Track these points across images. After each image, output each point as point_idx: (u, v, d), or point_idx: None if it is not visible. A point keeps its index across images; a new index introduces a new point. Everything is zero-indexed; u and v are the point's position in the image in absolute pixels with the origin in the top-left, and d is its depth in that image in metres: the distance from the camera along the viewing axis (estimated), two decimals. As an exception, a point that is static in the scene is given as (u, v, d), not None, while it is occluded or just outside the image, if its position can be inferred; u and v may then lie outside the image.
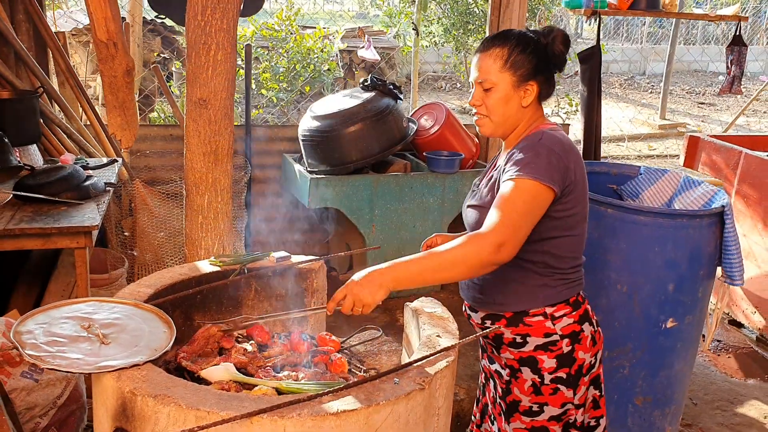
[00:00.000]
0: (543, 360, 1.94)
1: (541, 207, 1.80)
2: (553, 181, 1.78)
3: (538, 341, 1.94)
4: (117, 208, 4.08)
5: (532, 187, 1.77)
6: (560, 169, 1.81)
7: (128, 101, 2.97)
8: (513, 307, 1.95)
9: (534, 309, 1.94)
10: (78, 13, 8.19)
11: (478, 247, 1.72)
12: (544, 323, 1.94)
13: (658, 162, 8.62)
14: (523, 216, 1.75)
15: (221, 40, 2.61)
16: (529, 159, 1.80)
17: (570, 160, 1.84)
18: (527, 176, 1.77)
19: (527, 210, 1.76)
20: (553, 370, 1.94)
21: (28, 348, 1.65)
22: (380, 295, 1.72)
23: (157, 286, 2.09)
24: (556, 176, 1.80)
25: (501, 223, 1.72)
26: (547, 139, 1.85)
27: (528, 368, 1.97)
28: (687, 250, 2.69)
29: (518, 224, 1.74)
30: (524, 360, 1.97)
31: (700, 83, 15.40)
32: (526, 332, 1.95)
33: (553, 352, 1.94)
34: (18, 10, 3.89)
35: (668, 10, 4.62)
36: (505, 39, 1.91)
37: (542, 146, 1.83)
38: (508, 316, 1.97)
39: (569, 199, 1.86)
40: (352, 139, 4.15)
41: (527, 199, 1.76)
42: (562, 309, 1.95)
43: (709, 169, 4.40)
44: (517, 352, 1.98)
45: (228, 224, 2.84)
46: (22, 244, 2.77)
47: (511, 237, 1.73)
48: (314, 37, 8.51)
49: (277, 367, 1.95)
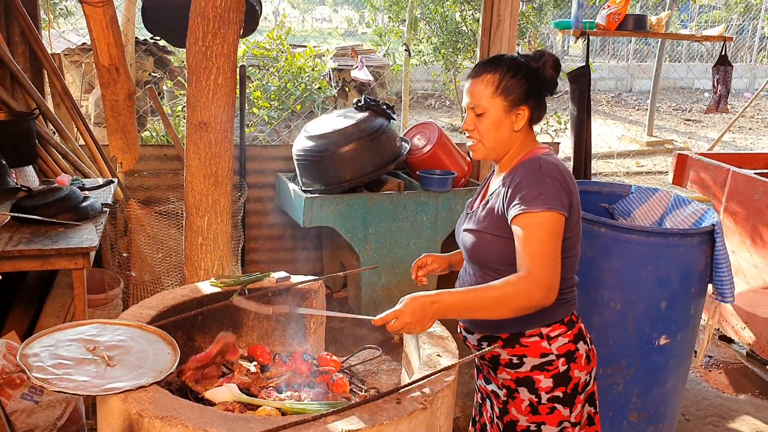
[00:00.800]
0: (539, 380, 1.97)
1: (560, 236, 1.85)
2: (563, 207, 1.83)
3: (534, 361, 1.97)
4: (112, 229, 4.09)
5: (549, 218, 1.81)
6: (565, 195, 1.85)
7: (129, 124, 3.00)
8: (509, 328, 1.98)
9: (530, 330, 1.97)
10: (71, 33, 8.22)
11: (529, 290, 1.76)
12: (540, 343, 1.97)
13: (647, 179, 8.73)
14: (554, 252, 1.81)
15: (222, 64, 2.65)
16: (537, 190, 1.83)
17: (571, 184, 1.89)
18: (540, 209, 1.81)
19: (554, 245, 1.81)
20: (550, 390, 1.97)
21: (35, 371, 1.67)
22: (429, 326, 1.78)
23: (159, 308, 2.12)
24: (565, 201, 1.84)
25: (543, 266, 1.77)
26: (547, 166, 1.89)
27: (525, 388, 1.99)
28: (679, 268, 2.74)
29: (556, 262, 1.80)
30: (521, 380, 1.99)
31: (686, 100, 15.61)
32: (522, 353, 1.98)
33: (549, 371, 1.97)
34: (14, 32, 3.92)
35: (655, 30, 4.71)
36: (496, 65, 1.94)
37: (545, 174, 1.86)
38: (505, 338, 2.00)
39: (570, 221, 1.90)
40: (347, 158, 4.20)
41: (549, 232, 1.80)
42: (557, 329, 1.98)
43: (697, 187, 4.48)
44: (514, 372, 2.00)
45: (228, 245, 2.87)
46: (20, 265, 2.78)
47: (557, 277, 1.79)
48: (305, 56, 8.58)
49: (280, 388, 1.97)
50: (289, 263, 4.84)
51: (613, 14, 4.53)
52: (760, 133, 12.40)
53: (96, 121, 6.97)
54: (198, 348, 2.27)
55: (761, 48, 18.78)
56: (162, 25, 3.92)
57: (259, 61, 8.58)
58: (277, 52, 8.58)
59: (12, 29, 3.92)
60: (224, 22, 2.66)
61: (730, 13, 18.56)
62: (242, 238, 4.45)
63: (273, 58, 8.47)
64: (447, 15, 9.80)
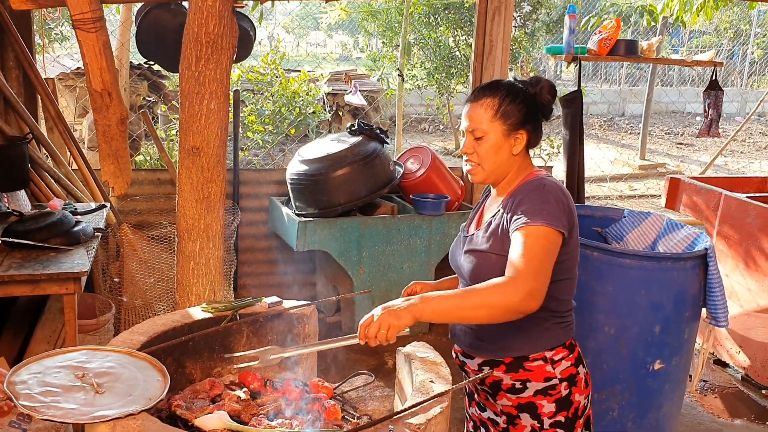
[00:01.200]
0: (542, 405, 1.96)
1: (555, 252, 1.84)
2: (563, 226, 1.84)
3: (538, 386, 1.96)
4: (104, 253, 4.07)
5: (547, 233, 1.81)
6: (567, 213, 1.86)
7: (121, 149, 3.00)
8: (514, 352, 1.97)
9: (534, 353, 1.96)
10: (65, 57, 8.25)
11: (509, 293, 1.73)
12: (544, 368, 1.95)
13: (640, 202, 8.76)
14: (544, 262, 1.79)
15: (215, 89, 2.66)
16: (540, 206, 1.84)
17: (570, 204, 1.90)
18: (540, 223, 1.81)
19: (547, 256, 1.80)
20: (553, 415, 1.96)
21: (22, 398, 1.64)
22: (406, 319, 1.72)
23: (150, 334, 2.10)
24: (564, 221, 1.85)
25: (528, 271, 1.75)
26: (550, 185, 1.91)
27: (527, 414, 1.97)
28: (672, 293, 2.74)
29: (542, 270, 1.78)
30: (523, 406, 1.98)
31: (678, 124, 15.73)
32: (526, 377, 1.96)
33: (552, 396, 1.95)
34: (8, 56, 3.94)
35: (646, 55, 4.75)
36: (495, 89, 1.97)
37: (548, 192, 1.88)
38: (508, 362, 1.98)
39: (570, 242, 1.91)
40: (340, 182, 4.20)
41: (545, 245, 1.80)
42: (560, 352, 1.97)
43: (690, 211, 4.49)
44: (516, 398, 1.98)
45: (219, 270, 2.86)
46: (10, 290, 2.76)
47: (540, 284, 1.76)
48: (299, 80, 8.63)
49: (271, 415, 1.95)
50: (282, 287, 4.82)
51: (604, 39, 4.57)
52: (751, 156, 12.48)
53: (90, 146, 6.97)
54: (188, 374, 2.25)
55: (751, 72, 18.99)
56: (156, 50, 3.94)
57: (254, 85, 8.63)
58: (271, 76, 8.63)
59: (6, 54, 3.93)
60: (217, 47, 2.67)
61: (720, 39, 18.80)
62: (235, 262, 4.43)
63: (267, 83, 8.52)
64: (440, 40, 9.89)
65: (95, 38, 2.71)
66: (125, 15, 5.64)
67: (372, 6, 9.42)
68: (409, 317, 1.72)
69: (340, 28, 20.44)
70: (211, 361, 2.30)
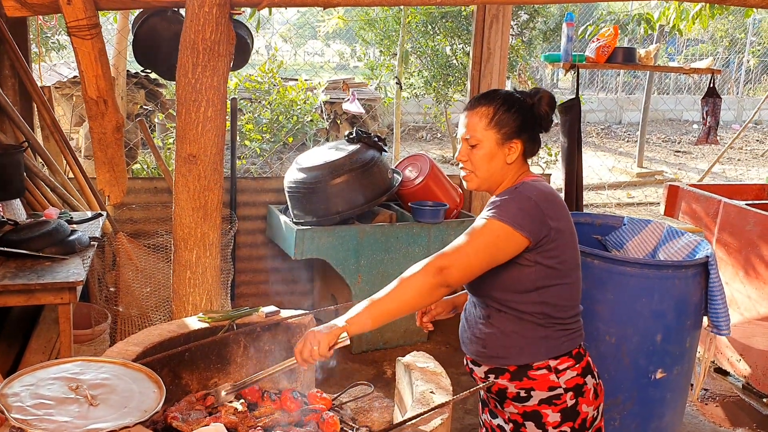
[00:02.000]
0: (547, 414, 1.94)
1: (502, 249, 1.85)
2: (521, 227, 1.83)
3: (542, 395, 1.94)
4: (100, 262, 4.04)
5: (498, 228, 1.83)
6: (533, 216, 1.85)
7: (117, 157, 2.98)
8: (516, 360, 1.95)
9: (537, 362, 1.94)
10: (62, 66, 8.24)
11: (422, 271, 1.82)
12: (548, 376, 1.94)
13: (638, 210, 8.75)
14: (475, 247, 1.83)
15: (211, 97, 2.64)
16: (501, 203, 1.88)
17: (548, 207, 1.88)
18: (494, 218, 1.85)
19: (482, 245, 1.84)
20: (558, 425, 1.94)
21: (14, 411, 1.61)
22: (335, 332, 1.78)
23: (145, 344, 2.07)
24: (527, 222, 1.84)
25: (450, 249, 1.84)
26: (524, 188, 1.91)
27: (532, 423, 1.96)
28: (673, 301, 2.72)
29: (466, 252, 1.83)
30: (528, 414, 1.96)
31: (675, 132, 15.76)
32: (530, 386, 1.95)
33: (557, 405, 1.94)
34: (4, 65, 3.91)
35: (644, 63, 4.75)
36: (491, 98, 1.97)
37: (517, 193, 1.90)
38: (512, 370, 1.97)
39: (554, 246, 1.88)
40: (338, 190, 4.18)
41: (487, 235, 1.84)
42: (565, 362, 1.95)
43: (689, 218, 4.47)
44: (521, 406, 1.97)
45: (216, 279, 2.83)
46: (4, 300, 2.72)
47: (455, 261, 1.81)
48: (297, 89, 8.62)
49: (269, 427, 1.92)
50: (280, 296, 4.79)
51: (602, 47, 4.57)
52: (748, 164, 12.50)
53: (86, 154, 6.94)
54: (185, 385, 2.22)
55: (747, 80, 19.05)
56: (153, 58, 3.92)
57: (251, 94, 8.62)
58: (269, 85, 8.63)
59: (2, 62, 3.91)
60: (214, 54, 2.66)
61: (715, 47, 18.87)
62: (232, 271, 4.40)
63: (265, 91, 8.52)
64: (438, 49, 9.90)
65: (91, 45, 2.69)
66: (122, 23, 5.62)
67: (369, 15, 9.43)
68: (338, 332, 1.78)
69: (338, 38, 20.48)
70: (208, 372, 2.27)
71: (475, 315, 2.04)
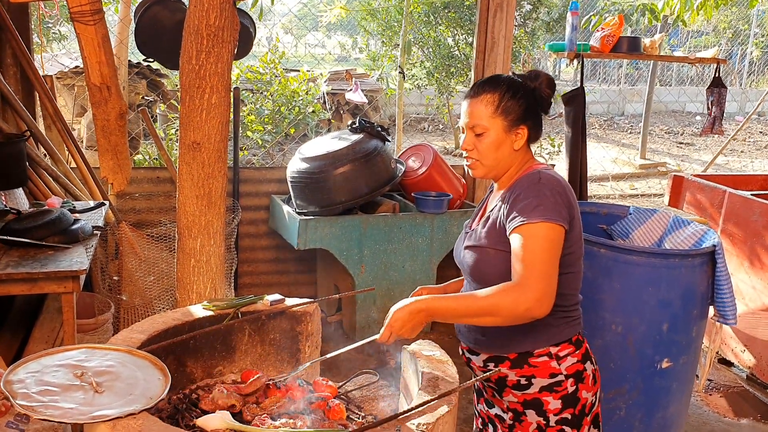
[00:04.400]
0: (548, 401, 1.93)
1: (559, 248, 1.81)
2: (562, 219, 1.80)
3: (543, 382, 1.93)
4: (103, 252, 4.03)
5: (547, 229, 1.78)
6: (565, 206, 1.83)
7: (120, 144, 2.96)
8: (517, 347, 1.94)
9: (539, 349, 1.93)
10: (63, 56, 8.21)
11: (518, 298, 1.73)
12: (549, 363, 1.93)
13: (641, 201, 8.72)
14: (550, 263, 1.77)
15: (215, 83, 2.61)
16: (536, 202, 1.81)
17: (570, 196, 1.87)
18: (539, 220, 1.78)
19: (551, 256, 1.78)
20: (559, 411, 1.93)
21: (19, 398, 1.60)
22: (419, 329, 1.84)
23: (150, 332, 2.05)
24: (564, 213, 1.81)
25: (535, 277, 1.73)
26: (546, 178, 1.88)
27: (533, 410, 1.95)
28: (680, 290, 2.70)
29: (549, 273, 1.76)
30: (528, 402, 1.95)
31: (678, 123, 15.71)
32: (531, 373, 1.94)
33: (558, 392, 1.93)
34: (6, 53, 3.89)
35: (649, 52, 4.72)
36: (495, 85, 1.94)
37: (544, 186, 1.85)
38: (513, 358, 1.95)
39: (570, 236, 1.87)
40: (341, 180, 4.16)
41: (546, 244, 1.77)
42: (566, 348, 1.94)
43: (694, 209, 4.45)
44: (521, 394, 1.96)
45: (221, 268, 2.81)
46: (7, 289, 2.71)
47: (548, 288, 1.75)
48: (299, 79, 8.59)
49: (274, 415, 1.90)
50: (283, 286, 4.78)
51: (607, 36, 4.53)
52: (752, 155, 12.46)
53: (88, 144, 6.93)
54: (189, 373, 2.21)
55: (750, 72, 18.98)
56: (155, 47, 3.89)
57: (253, 85, 8.60)
58: (270, 75, 8.60)
59: (3, 51, 3.88)
60: (218, 40, 2.63)
61: (718, 39, 18.78)
62: (235, 260, 4.39)
63: (267, 82, 8.49)
64: (440, 39, 9.86)
65: (94, 31, 2.66)
66: (124, 12, 5.60)
67: (371, 5, 9.38)
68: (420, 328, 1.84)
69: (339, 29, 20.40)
70: (213, 360, 2.26)
71: None
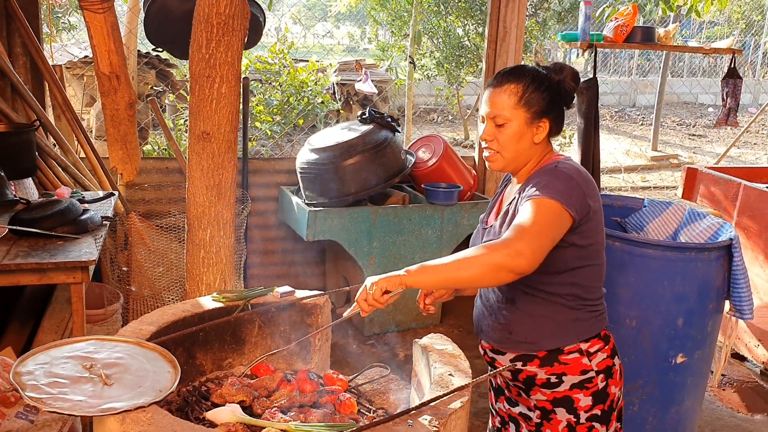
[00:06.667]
0: (579, 398, 1.90)
1: (559, 226, 1.76)
2: (570, 205, 1.76)
3: (574, 379, 1.90)
4: (112, 242, 4.01)
5: (552, 205, 1.74)
6: (577, 195, 1.79)
7: (130, 134, 2.93)
8: (547, 344, 1.90)
9: (569, 346, 1.89)
10: (72, 46, 8.19)
11: (496, 250, 1.67)
12: (580, 360, 1.89)
13: (653, 193, 8.65)
14: (543, 227, 1.71)
15: (225, 72, 2.58)
16: (547, 182, 1.79)
17: (587, 187, 1.83)
18: (545, 196, 1.75)
19: (547, 224, 1.72)
20: (589, 408, 1.90)
21: (28, 390, 1.59)
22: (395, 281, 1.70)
23: (159, 324, 2.03)
24: (574, 201, 1.77)
25: (520, 231, 1.69)
26: (563, 166, 1.85)
27: (563, 408, 1.91)
28: (696, 284, 2.66)
29: (538, 233, 1.70)
30: (559, 400, 1.91)
31: (690, 115, 15.57)
32: (561, 371, 1.90)
33: (589, 389, 1.90)
34: (16, 43, 3.87)
35: (663, 43, 4.65)
36: (520, 75, 1.89)
37: (559, 171, 1.83)
38: (542, 356, 1.91)
39: (590, 226, 1.84)
40: (351, 171, 4.13)
41: (547, 213, 1.73)
42: (596, 344, 1.91)
43: (708, 201, 4.40)
44: (551, 392, 1.92)
45: (230, 259, 2.79)
46: (17, 279, 2.70)
47: (531, 244, 1.67)
48: (308, 70, 8.55)
49: (285, 408, 1.88)
50: (292, 278, 4.76)
51: (620, 26, 4.47)
52: (765, 147, 12.34)
53: (97, 135, 6.92)
54: (199, 365, 2.19)
55: (764, 63, 18.78)
56: (164, 37, 3.87)
57: (262, 75, 8.55)
58: (279, 66, 8.55)
59: (13, 40, 3.86)
60: (228, 29, 2.60)
61: (731, 30, 18.59)
62: (244, 252, 4.37)
63: (275, 73, 8.44)
64: (450, 30, 9.78)
65: (103, 19, 2.64)
66: (133, 1, 5.56)
67: (381, -6, 9.32)
68: (395, 278, 1.71)
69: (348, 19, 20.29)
70: (222, 352, 2.24)
71: (496, 299, 1.97)
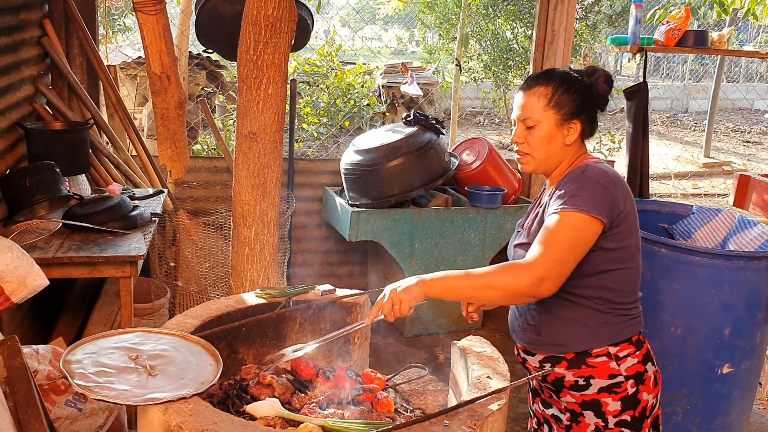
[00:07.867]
0: (607, 403, 1.88)
1: (587, 240, 1.77)
2: (599, 212, 1.76)
3: (602, 383, 1.88)
4: (161, 238, 4.11)
5: (578, 220, 1.75)
6: (606, 200, 1.78)
7: (179, 133, 3.01)
8: (575, 347, 1.89)
9: (597, 349, 1.88)
10: (127, 47, 8.42)
11: (518, 277, 1.73)
12: (608, 364, 1.88)
13: (704, 201, 8.44)
14: (567, 250, 1.74)
15: (272, 74, 2.63)
16: (574, 191, 1.79)
17: (616, 189, 1.82)
18: (572, 209, 1.76)
19: (571, 244, 1.74)
20: (618, 413, 1.88)
21: (77, 378, 1.64)
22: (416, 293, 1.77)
23: (203, 318, 2.08)
24: (602, 207, 1.77)
25: (543, 257, 1.72)
26: (591, 170, 1.84)
27: (591, 412, 1.90)
28: (744, 293, 2.60)
29: (561, 258, 1.73)
30: (587, 403, 1.90)
31: (745, 121, 15.13)
32: (589, 374, 1.89)
33: (618, 394, 1.88)
34: (73, 44, 4.00)
35: (717, 47, 4.54)
36: (549, 78, 1.91)
37: (586, 178, 1.82)
38: (570, 358, 1.91)
39: (620, 230, 1.82)
40: (394, 173, 4.14)
41: (571, 233, 1.75)
42: (625, 349, 1.89)
43: (760, 210, 4.28)
44: (579, 395, 1.91)
45: (274, 256, 2.84)
46: (69, 272, 2.80)
47: (553, 272, 1.72)
48: (355, 72, 8.61)
49: (323, 404, 1.91)
50: (334, 277, 4.80)
51: (672, 30, 4.38)
52: (823, 156, 11.91)
53: (149, 133, 7.09)
54: (241, 360, 2.23)
55: (825, 69, 18.13)
56: (214, 38, 3.95)
57: (310, 77, 8.65)
58: (327, 68, 8.64)
59: (71, 42, 4.00)
60: (276, 31, 2.64)
61: (790, 33, 17.98)
62: (288, 250, 4.43)
63: (323, 75, 8.53)
64: (498, 32, 9.72)
65: (155, 21, 2.71)
66: (185, 4, 5.70)
67: (429, -3, 9.32)
68: (418, 292, 1.77)
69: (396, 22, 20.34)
70: (264, 348, 2.28)
71: (528, 307, 1.98)
